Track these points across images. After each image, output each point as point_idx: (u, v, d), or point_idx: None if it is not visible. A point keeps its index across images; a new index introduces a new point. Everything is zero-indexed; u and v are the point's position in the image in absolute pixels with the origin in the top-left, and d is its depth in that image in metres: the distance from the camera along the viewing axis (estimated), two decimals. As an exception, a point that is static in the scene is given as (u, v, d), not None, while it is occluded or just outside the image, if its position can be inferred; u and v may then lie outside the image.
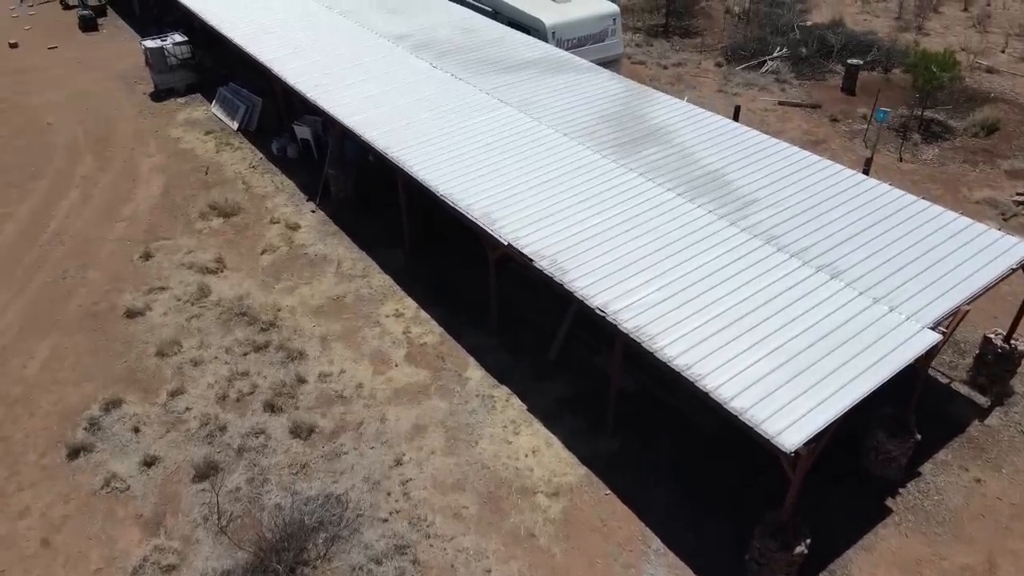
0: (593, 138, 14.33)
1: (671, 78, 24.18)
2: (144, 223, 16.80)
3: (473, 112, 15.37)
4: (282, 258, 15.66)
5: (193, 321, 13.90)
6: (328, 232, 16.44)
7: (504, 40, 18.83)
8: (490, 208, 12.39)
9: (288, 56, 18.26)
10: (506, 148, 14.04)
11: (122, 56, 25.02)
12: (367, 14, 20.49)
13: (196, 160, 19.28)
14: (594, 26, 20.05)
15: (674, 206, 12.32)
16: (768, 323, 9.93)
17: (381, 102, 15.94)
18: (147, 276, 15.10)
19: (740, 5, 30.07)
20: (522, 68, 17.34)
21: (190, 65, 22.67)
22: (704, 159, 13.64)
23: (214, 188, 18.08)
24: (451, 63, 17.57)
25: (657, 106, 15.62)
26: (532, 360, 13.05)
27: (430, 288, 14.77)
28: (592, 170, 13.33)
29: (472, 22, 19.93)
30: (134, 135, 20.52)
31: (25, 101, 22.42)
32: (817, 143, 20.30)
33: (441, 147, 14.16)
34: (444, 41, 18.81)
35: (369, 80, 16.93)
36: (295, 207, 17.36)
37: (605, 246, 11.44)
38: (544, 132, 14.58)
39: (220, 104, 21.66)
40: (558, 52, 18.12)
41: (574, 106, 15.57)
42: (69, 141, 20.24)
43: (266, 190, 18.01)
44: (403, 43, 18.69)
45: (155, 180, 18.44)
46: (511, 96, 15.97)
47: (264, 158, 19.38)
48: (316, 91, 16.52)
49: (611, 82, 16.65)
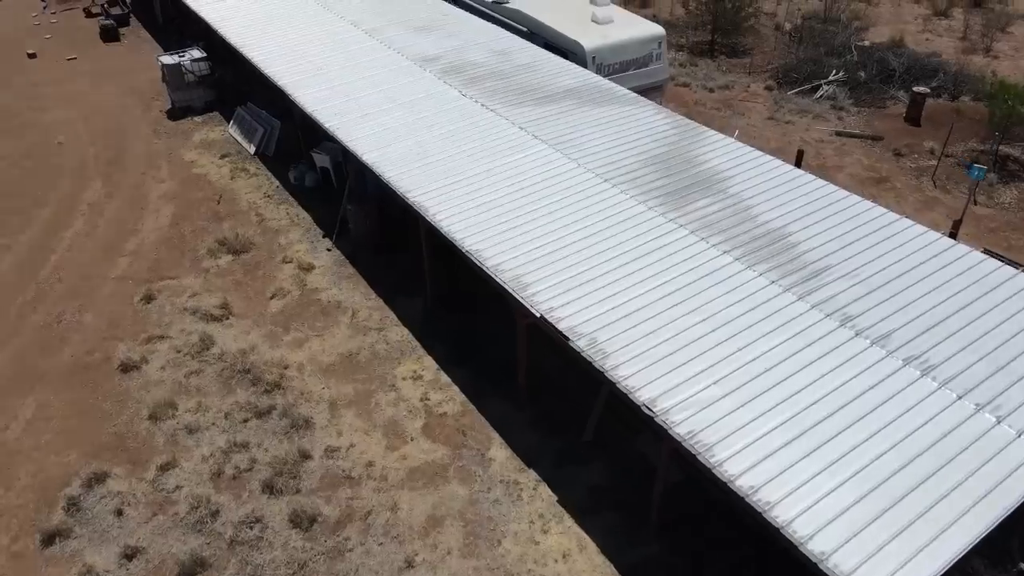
0: (638, 185, 12.82)
1: (717, 102, 22.53)
2: (149, 259, 15.65)
3: (504, 150, 13.94)
4: (293, 304, 14.39)
5: (192, 378, 12.67)
6: (344, 275, 15.13)
7: (539, 65, 17.37)
8: (522, 269, 10.95)
9: (308, 79, 16.99)
10: (541, 195, 12.59)
11: (141, 69, 24.03)
12: (394, 33, 19.16)
13: (209, 187, 18.13)
14: (638, 50, 18.51)
15: (732, 273, 10.76)
16: (848, 435, 8.36)
17: (404, 135, 14.59)
18: (147, 322, 13.92)
19: (791, 21, 28.27)
20: (559, 98, 15.87)
21: (208, 82, 21.58)
22: (764, 214, 12.06)
23: (226, 220, 16.89)
24: (482, 90, 16.16)
25: (708, 147, 14.04)
26: (564, 439, 11.59)
27: (453, 344, 13.38)
28: (637, 225, 11.82)
29: (506, 44, 18.50)
30: (146, 157, 19.44)
31: (38, 117, 21.50)
32: (880, 181, 18.55)
33: (468, 191, 12.76)
34: (475, 65, 17.41)
35: (393, 109, 15.59)
36: (310, 244, 16.09)
37: (652, 323, 9.93)
38: (583, 176, 13.10)
39: (238, 125, 20.52)
40: (598, 80, 16.61)
41: (616, 145, 14.06)
42: (79, 163, 19.22)
43: (280, 224, 16.77)
44: (431, 66, 17.32)
45: (164, 209, 17.31)
46: (546, 131, 14.51)
47: (280, 186, 18.16)
48: (335, 121, 15.22)
49: (657, 117, 15.10)
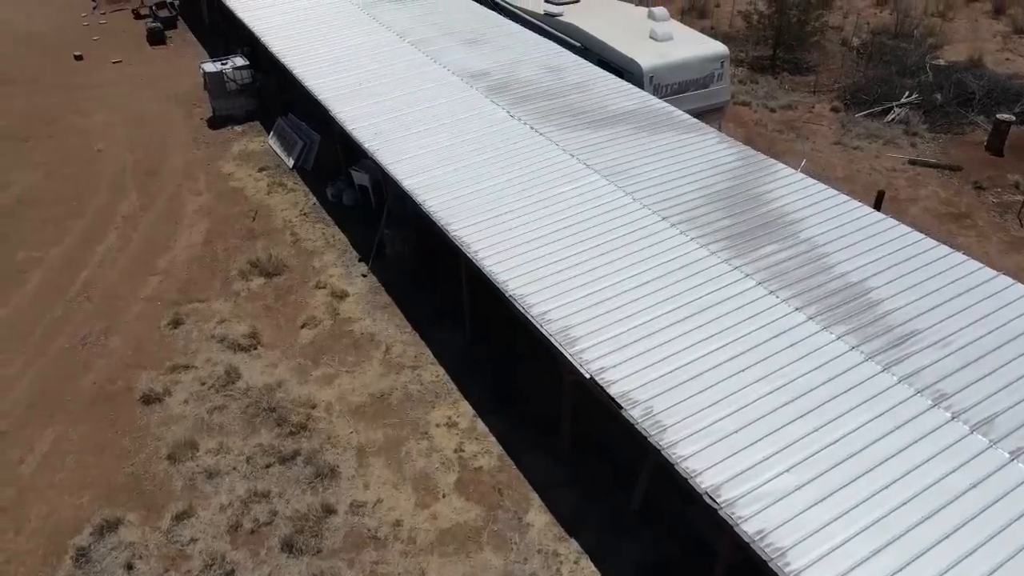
0: (699, 225, 11.72)
1: (779, 124, 21.21)
2: (179, 279, 15.07)
3: (554, 180, 12.96)
4: (324, 335, 13.63)
5: (215, 415, 11.98)
6: (378, 304, 14.33)
7: (593, 84, 16.34)
8: (570, 320, 9.96)
9: (349, 94, 16.23)
10: (592, 233, 11.58)
11: (185, 74, 23.65)
12: (442, 45, 18.32)
13: (245, 202, 17.53)
14: (698, 70, 17.36)
15: (806, 334, 9.61)
16: (947, 546, 7.18)
17: (447, 159, 13.71)
18: (172, 349, 13.31)
19: (859, 37, 26.70)
20: (613, 122, 14.82)
21: (250, 91, 21.05)
22: (840, 264, 10.86)
23: (260, 238, 16.25)
24: (531, 111, 15.20)
25: (777, 182, 12.87)
26: (610, 504, 10.58)
27: (492, 388, 12.46)
28: (699, 272, 10.73)
29: (558, 60, 17.50)
30: (184, 168, 18.96)
31: (80, 122, 21.23)
32: (959, 217, 17.09)
33: (514, 227, 11.81)
34: (525, 82, 16.46)
35: (437, 129, 14.73)
36: (345, 268, 15.33)
37: (716, 391, 8.86)
38: (639, 213, 12.06)
39: (277, 136, 19.93)
40: (655, 103, 15.51)
41: (675, 178, 12.97)
42: (116, 172, 18.83)
43: (315, 245, 16.06)
44: (479, 83, 16.43)
45: (199, 225, 16.75)
46: (599, 160, 13.49)
47: (317, 203, 17.48)
48: (375, 141, 14.42)
49: (720, 146, 13.96)
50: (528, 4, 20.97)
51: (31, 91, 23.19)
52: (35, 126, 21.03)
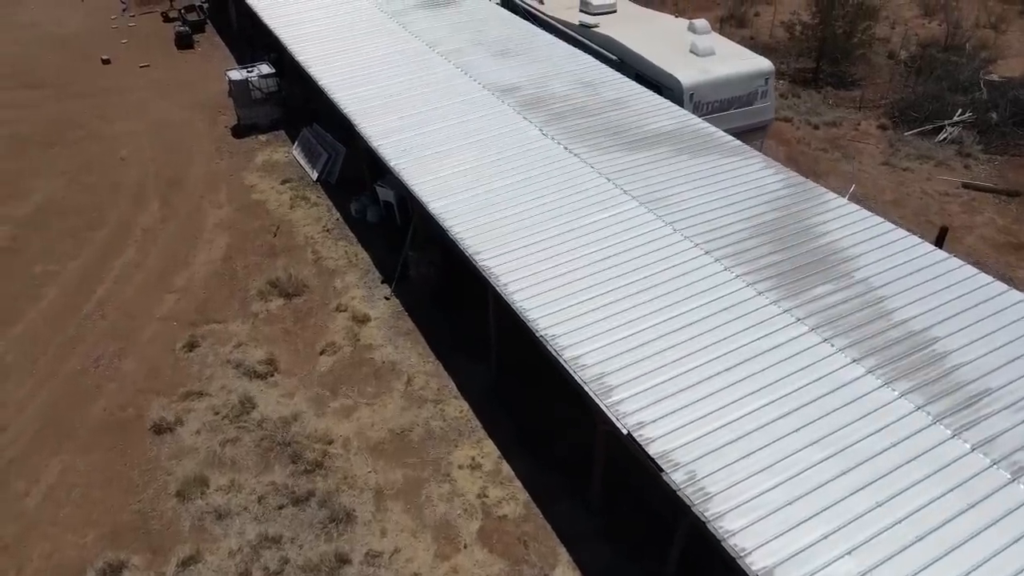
0: (744, 260, 10.91)
1: (823, 142, 20.24)
2: (197, 297, 14.57)
3: (588, 206, 12.22)
4: (343, 363, 13.03)
5: (228, 448, 11.43)
6: (401, 330, 13.70)
7: (630, 101, 15.56)
8: (606, 367, 9.23)
9: (376, 108, 15.63)
10: (631, 268, 10.82)
11: (211, 79, 23.26)
12: (472, 57, 17.66)
13: (267, 217, 17.02)
14: (742, 87, 16.49)
15: (866, 391, 8.77)
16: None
17: (476, 181, 13.04)
18: (187, 374, 12.80)
19: (907, 49, 25.56)
20: (651, 143, 14.04)
21: (276, 99, 20.58)
22: (900, 310, 9.98)
23: (281, 256, 15.72)
24: (565, 130, 14.47)
25: (828, 213, 11.99)
26: (643, 564, 9.83)
27: (518, 426, 11.77)
28: (746, 315, 9.92)
29: (593, 74, 16.74)
30: (206, 179, 18.52)
31: (104, 129, 20.92)
32: (1018, 248, 16.04)
33: (546, 257, 11.09)
34: (559, 98, 15.74)
35: (465, 147, 14.07)
36: (367, 290, 14.73)
37: (766, 456, 8.06)
38: (680, 246, 11.28)
39: (302, 147, 19.42)
40: (696, 123, 14.69)
41: (718, 206, 12.16)
42: (139, 181, 18.44)
43: (337, 264, 15.48)
44: (510, 98, 15.73)
45: (219, 239, 16.27)
46: (637, 184, 12.73)
47: (340, 219, 16.91)
48: (401, 159, 13.79)
49: (766, 172, 13.11)
50: (562, 14, 20.25)
51: (59, 95, 22.96)
52: (60, 132, 20.76)
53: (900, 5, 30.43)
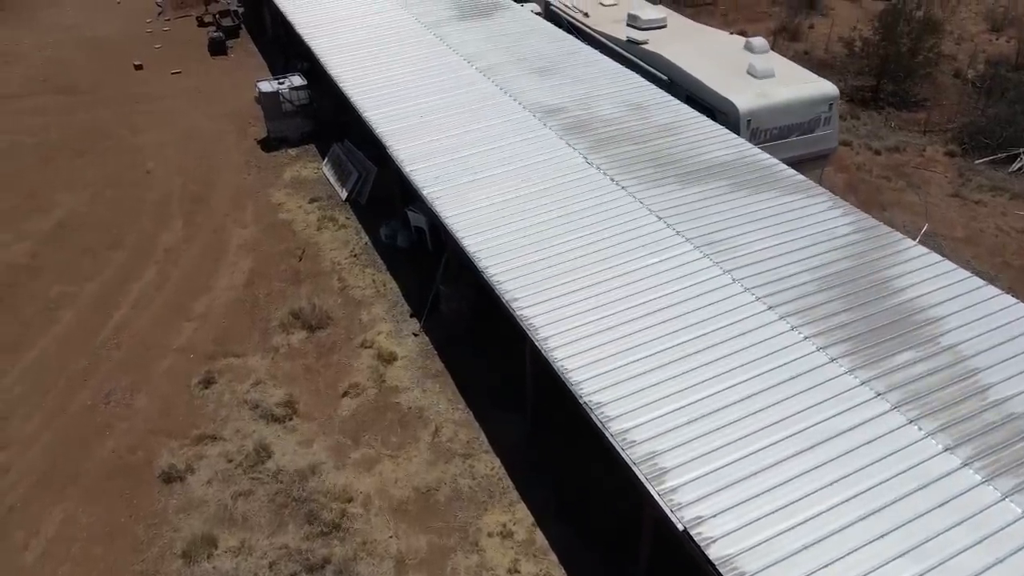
0: (813, 318, 9.75)
1: (886, 169, 18.87)
2: (216, 327, 13.81)
3: (639, 249, 11.14)
4: (367, 407, 12.14)
5: (240, 502, 10.58)
6: (430, 372, 12.77)
7: (683, 127, 14.43)
8: (659, 445, 8.16)
9: (410, 128, 14.73)
10: (686, 324, 9.73)
11: (243, 87, 22.57)
12: (513, 74, 16.67)
13: (292, 238, 16.22)
14: (804, 113, 15.25)
15: (964, 487, 7.56)
16: None
17: (515, 215, 12.03)
18: (201, 414, 12.01)
19: (974, 68, 23.98)
20: (706, 175, 12.91)
21: (307, 112, 19.83)
22: (999, 386, 8.73)
23: (305, 282, 14.90)
24: (611, 158, 13.41)
25: (906, 263, 10.75)
26: (693, 664, 8.75)
27: (555, 488, 10.74)
28: (818, 385, 8.77)
29: (642, 96, 15.63)
30: (233, 195, 17.81)
31: (132, 139, 20.36)
32: (1108, 296, 14.53)
33: (591, 309, 10.03)
34: (604, 122, 14.67)
35: (504, 176, 13.08)
36: (394, 324, 13.82)
37: (850, 567, 6.94)
38: (740, 299, 10.15)
39: (332, 164, 18.63)
40: (755, 154, 13.51)
41: (781, 252, 11.00)
42: (163, 197, 17.80)
43: (364, 293, 14.61)
44: (552, 120, 14.72)
45: (242, 263, 15.51)
46: (691, 225, 11.62)
47: (369, 244, 16.05)
48: (435, 187, 12.85)
49: (833, 213, 11.88)
50: (608, 28, 19.17)
51: (91, 102, 22.51)
52: (89, 141, 20.25)
53: (964, 19, 28.80)
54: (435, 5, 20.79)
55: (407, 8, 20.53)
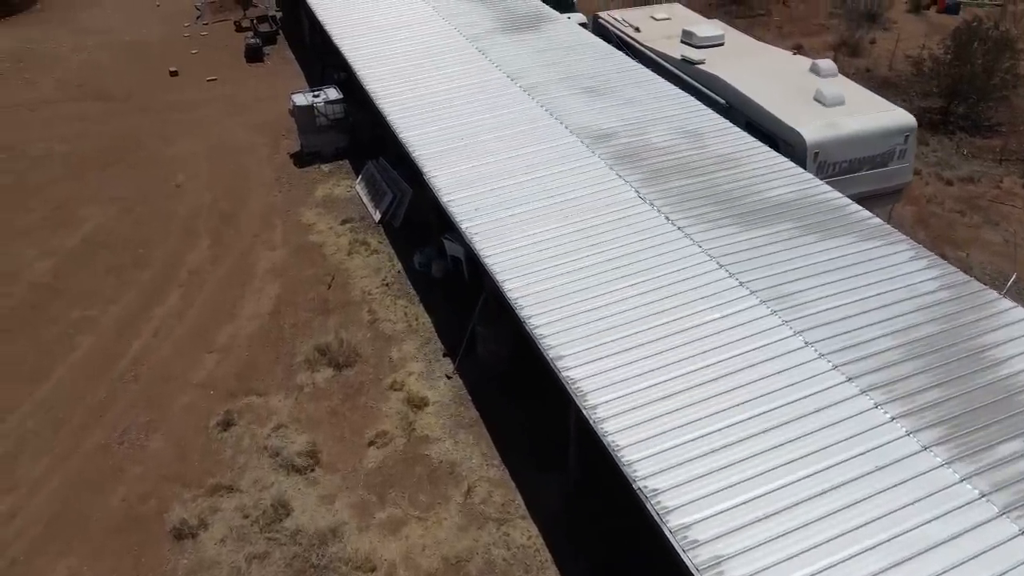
0: (899, 395, 8.58)
1: (959, 202, 17.46)
2: (239, 359, 13.06)
3: (698, 301, 10.06)
4: (395, 459, 11.25)
5: (254, 566, 9.75)
6: (463, 421, 11.84)
7: (744, 159, 13.27)
8: (725, 548, 7.09)
9: (448, 152, 13.82)
10: (754, 396, 8.63)
11: (279, 97, 21.87)
12: (558, 93, 15.66)
13: (322, 263, 15.44)
14: (877, 145, 13.98)
15: (1090, 624, 6.44)
16: None
17: (561, 256, 11.02)
18: (218, 460, 11.24)
19: (1053, 90, 22.30)
20: (770, 216, 11.76)
21: (342, 127, 19.07)
22: (1125, 489, 7.55)
23: (333, 313, 14.09)
24: (666, 193, 12.34)
25: (1004, 329, 9.52)
26: None
27: (597, 565, 9.74)
28: (912, 478, 7.59)
29: (699, 121, 14.50)
30: (263, 214, 17.10)
31: (163, 150, 19.81)
32: None
33: (645, 371, 8.99)
34: (658, 150, 13.60)
35: (549, 210, 12.07)
36: (426, 364, 12.93)
37: None
38: (815, 366, 9.01)
39: (365, 182, 17.83)
40: (824, 192, 12.27)
41: (858, 312, 9.79)
42: (192, 213, 17.17)
43: (395, 328, 13.75)
44: (601, 147, 13.68)
45: (268, 289, 14.76)
46: (756, 274, 10.49)
47: (402, 271, 15.19)
48: (474, 222, 11.90)
49: (916, 265, 10.63)
50: (660, 45, 18.04)
51: (124, 110, 22.09)
52: (120, 152, 19.76)
53: (1039, 35, 26.95)
54: (478, 16, 19.88)
55: (449, 19, 19.65)
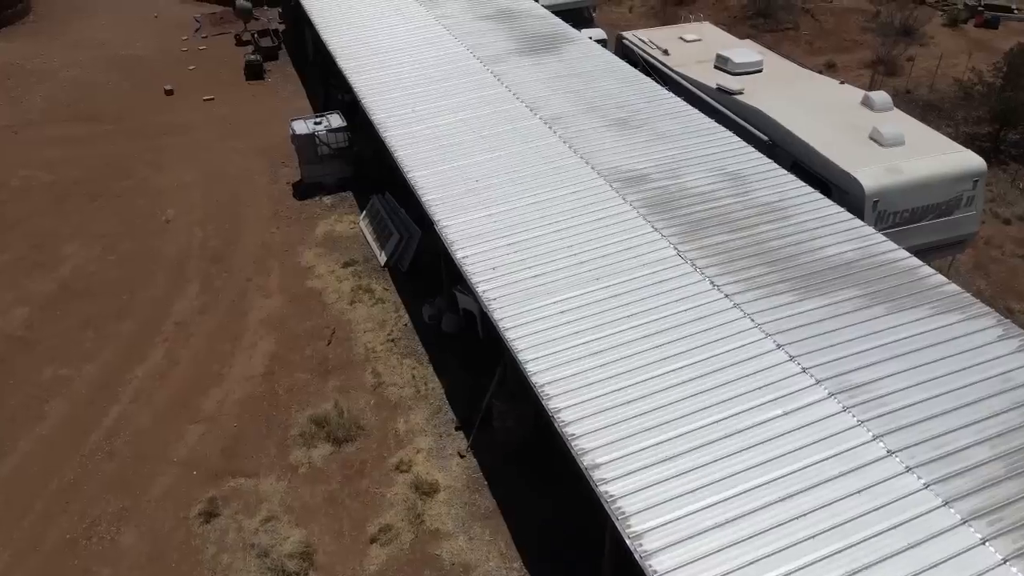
0: (1010, 526, 7.12)
1: (1020, 244, 15.94)
2: (226, 431, 11.67)
3: (755, 393, 8.59)
4: (401, 560, 9.82)
5: None
6: (478, 511, 10.41)
7: (791, 209, 11.76)
8: None
9: (463, 196, 12.39)
10: (835, 524, 7.15)
11: (279, 119, 20.49)
12: (583, 126, 14.19)
13: (322, 313, 14.05)
14: (942, 192, 12.48)
15: None
16: None
17: (591, 331, 9.55)
18: (197, 561, 9.82)
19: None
20: (829, 281, 10.25)
21: (346, 156, 17.68)
22: None
23: (333, 375, 12.70)
24: (708, 250, 10.86)
25: (1121, 434, 8.07)
26: None
27: None
28: (1034, 653, 6.22)
29: (740, 162, 13.01)
30: (258, 254, 15.72)
31: (153, 180, 18.46)
32: None
33: (698, 487, 7.55)
34: (696, 197, 12.12)
35: (577, 271, 10.60)
36: (436, 439, 11.51)
37: None
38: (904, 483, 7.51)
39: (370, 219, 16.43)
40: (890, 251, 10.73)
41: (945, 409, 8.28)
42: (181, 252, 15.80)
43: (402, 393, 12.34)
44: (633, 192, 12.23)
45: (262, 345, 13.37)
46: (819, 357, 8.97)
47: (410, 324, 13.79)
48: (491, 287, 10.43)
49: (1007, 347, 9.15)
50: (693, 71, 16.55)
51: (114, 133, 20.73)
52: (107, 181, 18.41)
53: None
54: (493, 36, 18.45)
55: (462, 39, 18.22)
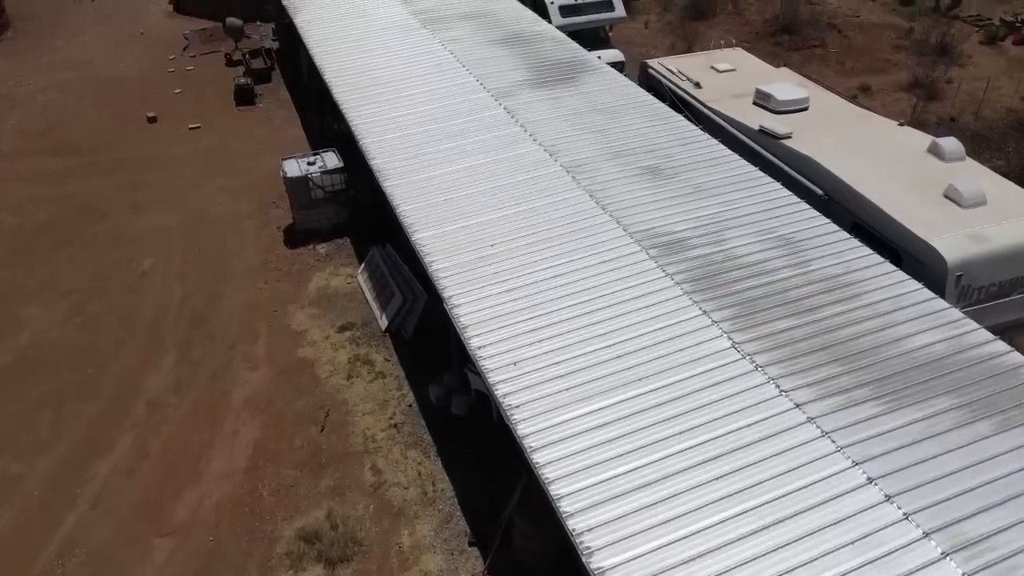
0: None
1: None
2: (199, 548, 9.95)
3: (848, 551, 6.92)
4: None
5: None
6: (496, 661, 8.77)
7: (859, 286, 9.98)
8: None
9: (474, 264, 10.67)
10: None
11: (270, 149, 18.84)
12: (610, 176, 12.42)
13: (315, 391, 12.34)
14: (1032, 261, 10.81)
15: None
16: None
17: (633, 454, 7.83)
18: None
19: None
20: (917, 387, 8.51)
21: (342, 199, 15.99)
22: None
23: (326, 472, 10.99)
24: (765, 341, 9.14)
25: None
26: None
27: None
28: None
29: (794, 224, 11.21)
30: (243, 315, 14.00)
31: (130, 223, 16.75)
32: None
33: None
34: (745, 269, 10.39)
35: (611, 366, 8.89)
36: (447, 557, 9.81)
37: None
38: None
39: (370, 274, 14.72)
40: (985, 342, 9.00)
41: (1090, 573, 6.70)
42: (157, 312, 14.09)
43: (406, 496, 10.63)
44: (672, 262, 10.48)
45: (245, 430, 11.67)
46: (920, 496, 7.25)
47: (415, 405, 12.08)
48: (511, 387, 8.74)
49: None
50: (729, 107, 14.78)
51: (89, 167, 18.99)
52: (79, 225, 16.71)
53: None
54: (505, 64, 16.71)
55: (471, 68, 16.48)
